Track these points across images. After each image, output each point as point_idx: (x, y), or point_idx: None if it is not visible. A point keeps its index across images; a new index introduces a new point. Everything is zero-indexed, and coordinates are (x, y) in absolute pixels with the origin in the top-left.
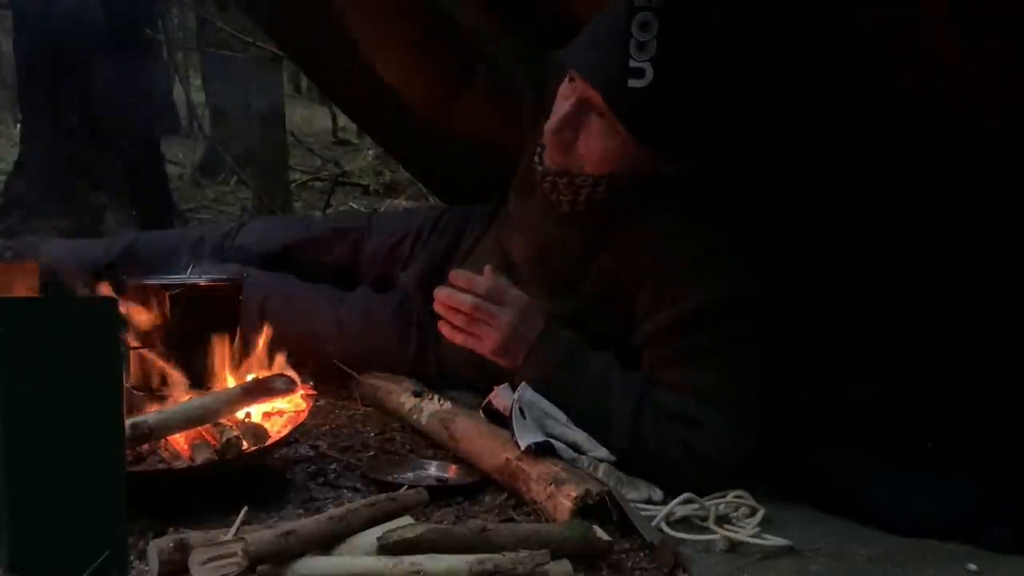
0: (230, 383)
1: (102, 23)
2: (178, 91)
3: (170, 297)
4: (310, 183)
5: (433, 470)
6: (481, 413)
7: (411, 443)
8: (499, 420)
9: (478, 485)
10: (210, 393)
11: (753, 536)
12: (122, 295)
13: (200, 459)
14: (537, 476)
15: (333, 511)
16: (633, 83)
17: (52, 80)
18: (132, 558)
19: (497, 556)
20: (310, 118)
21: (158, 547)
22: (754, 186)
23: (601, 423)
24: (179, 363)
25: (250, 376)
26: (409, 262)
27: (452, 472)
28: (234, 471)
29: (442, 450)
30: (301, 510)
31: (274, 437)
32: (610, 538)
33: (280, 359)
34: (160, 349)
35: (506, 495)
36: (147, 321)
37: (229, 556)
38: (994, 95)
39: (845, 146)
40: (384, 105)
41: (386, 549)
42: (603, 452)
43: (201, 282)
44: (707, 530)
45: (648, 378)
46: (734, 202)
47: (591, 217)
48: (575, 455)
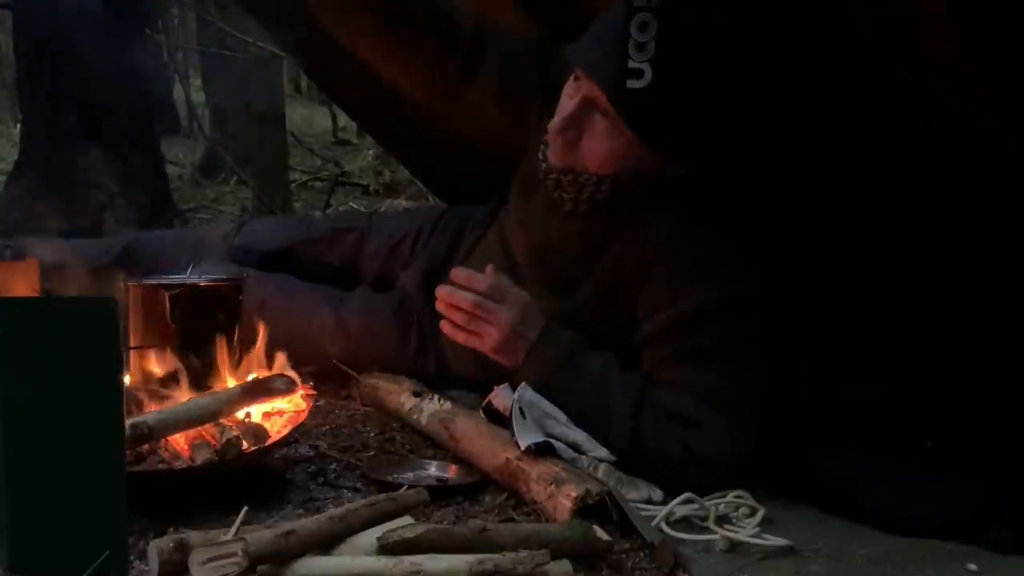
0: (230, 383)
1: (102, 23)
2: (178, 91)
3: (170, 297)
4: (310, 183)
5: (433, 470)
6: (481, 413)
7: (411, 443)
8: (499, 420)
9: (478, 485)
10: (210, 393)
11: (753, 536)
12: (122, 295)
13: (200, 459)
14: (537, 476)
15: (333, 511)
16: (632, 84)
17: (52, 80)
18: (132, 558)
19: (497, 556)
20: (310, 118)
21: (158, 547)
22: (754, 186)
23: (601, 423)
24: (179, 363)
25: (250, 376)
26: (409, 262)
27: (452, 472)
28: (234, 471)
29: (442, 450)
30: (301, 510)
31: (274, 437)
32: (610, 538)
33: (280, 359)
34: (160, 349)
35: (506, 495)
36: (147, 321)
37: (229, 556)
38: (994, 95)
39: (845, 146)
40: (384, 105)
41: (386, 549)
42: (603, 452)
43: (201, 282)
44: (707, 530)
45: (648, 378)
46: (734, 202)
47: (593, 216)
48: (575, 455)
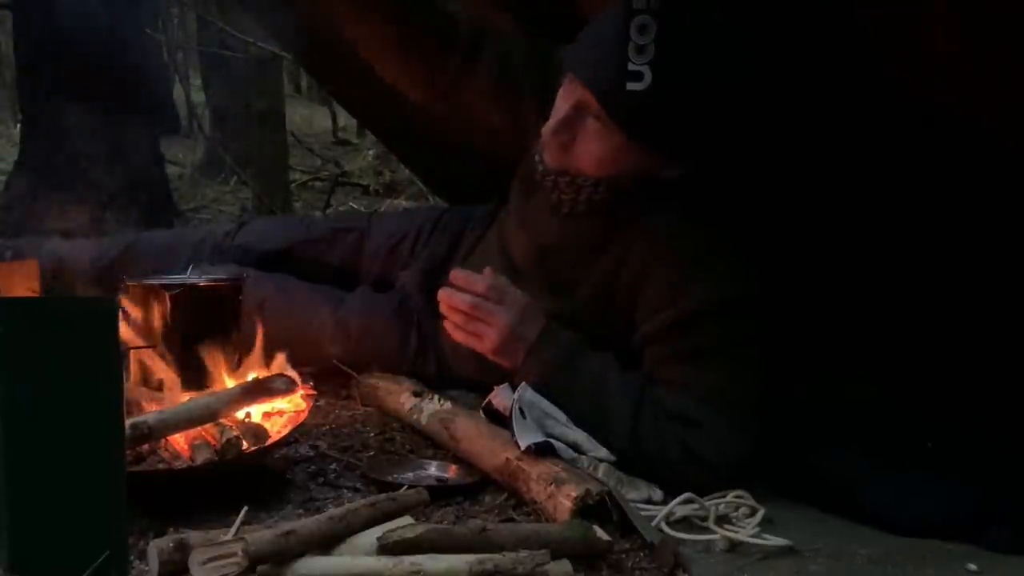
0: (230, 383)
1: (102, 23)
2: (178, 91)
3: (170, 297)
4: (310, 183)
5: (433, 470)
6: (481, 413)
7: (411, 443)
8: (499, 420)
9: (478, 485)
10: (210, 393)
11: (753, 536)
12: (122, 295)
13: (200, 459)
14: (537, 476)
15: (333, 511)
16: (632, 86)
17: (52, 80)
18: (132, 558)
19: (497, 556)
20: (310, 118)
21: (158, 547)
22: (754, 186)
23: (600, 423)
24: (179, 363)
25: (250, 376)
26: (409, 262)
27: (452, 472)
28: (234, 471)
29: (442, 450)
30: (301, 510)
31: (274, 437)
32: (610, 538)
33: (280, 359)
34: (160, 349)
35: (506, 495)
36: (147, 321)
37: (229, 556)
38: (994, 95)
39: (845, 146)
40: (385, 104)
41: (386, 549)
42: (603, 452)
43: (201, 282)
44: (707, 530)
45: (648, 378)
46: (734, 202)
47: (593, 217)
48: (575, 455)
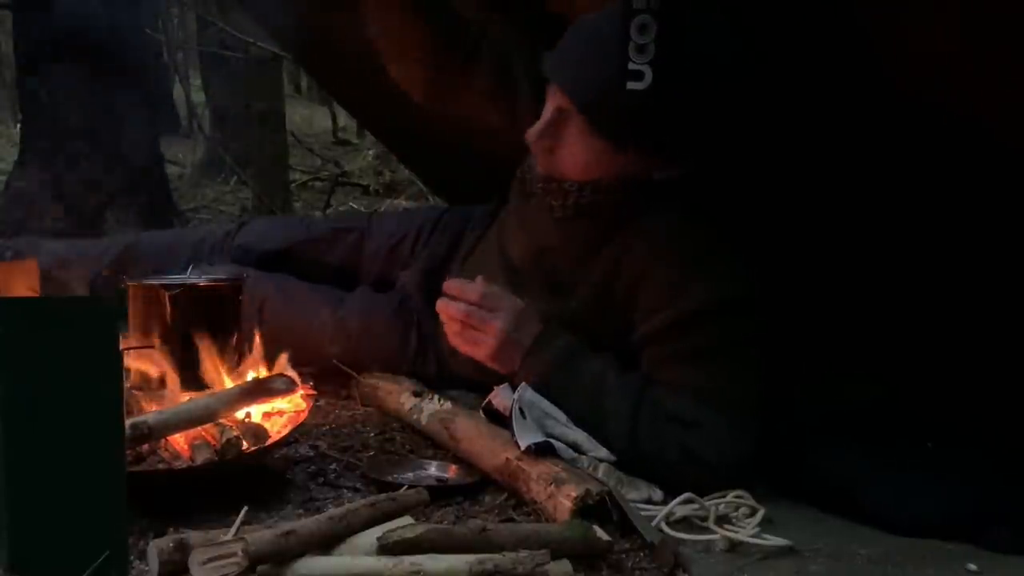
0: (230, 383)
1: (102, 23)
2: (178, 91)
3: (170, 297)
4: (310, 183)
5: (433, 470)
6: (481, 413)
7: (411, 443)
8: (499, 420)
9: (478, 485)
10: (210, 393)
11: (753, 536)
12: (122, 295)
13: (200, 459)
14: (537, 476)
15: (333, 511)
16: (632, 86)
17: (52, 80)
18: (132, 558)
19: (497, 556)
20: (310, 118)
21: (158, 547)
22: (754, 186)
23: (599, 424)
24: (179, 363)
25: (250, 376)
26: (409, 262)
27: (452, 472)
28: (234, 471)
29: (442, 450)
30: (301, 510)
31: (274, 437)
32: (610, 538)
33: (280, 359)
34: (160, 349)
35: (506, 495)
36: (147, 321)
37: (229, 556)
38: (994, 95)
39: (845, 146)
40: (384, 104)
41: (386, 549)
42: (603, 452)
43: (201, 282)
44: (707, 530)
45: (647, 378)
46: (734, 202)
47: (589, 219)
48: (575, 455)
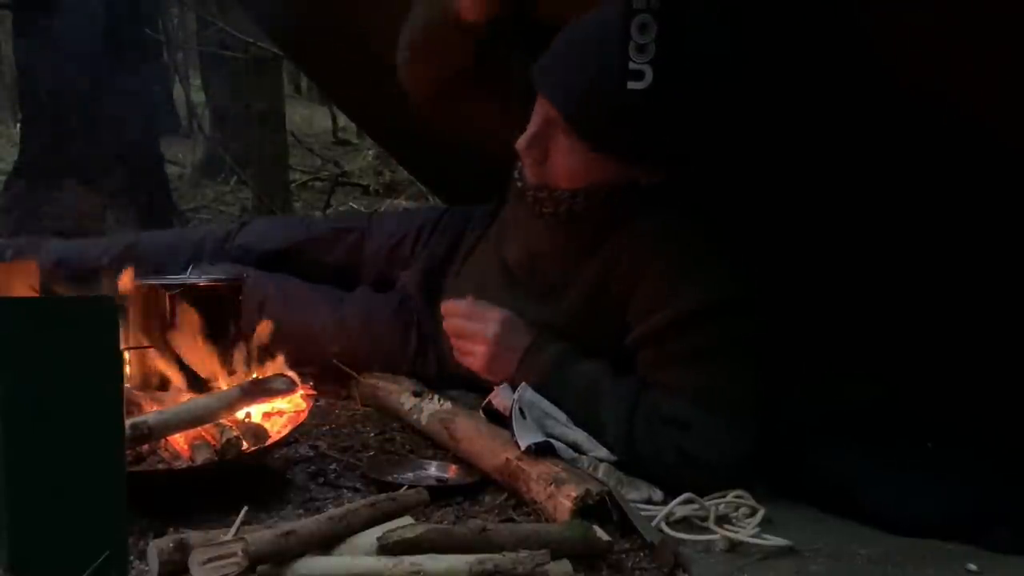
0: (230, 383)
1: (102, 23)
2: (178, 91)
3: (170, 297)
4: (310, 183)
5: (433, 470)
6: (481, 413)
7: (411, 443)
8: (499, 420)
9: (478, 485)
10: (210, 393)
11: (753, 536)
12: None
13: (200, 459)
14: (537, 476)
15: (333, 511)
16: (633, 85)
17: (52, 80)
18: (132, 558)
19: (497, 556)
20: (310, 118)
21: (158, 547)
22: (753, 186)
23: (595, 430)
24: (179, 363)
25: (250, 376)
26: (409, 262)
27: (452, 472)
28: (234, 471)
29: (442, 450)
30: (301, 510)
31: (274, 437)
32: (610, 538)
33: (280, 359)
34: (160, 349)
35: (506, 495)
36: (147, 321)
37: (229, 556)
38: (994, 95)
39: (845, 146)
40: (384, 105)
41: (386, 549)
42: (603, 452)
43: (201, 282)
44: (707, 530)
45: (642, 381)
46: (732, 203)
47: (577, 226)
48: (575, 455)
